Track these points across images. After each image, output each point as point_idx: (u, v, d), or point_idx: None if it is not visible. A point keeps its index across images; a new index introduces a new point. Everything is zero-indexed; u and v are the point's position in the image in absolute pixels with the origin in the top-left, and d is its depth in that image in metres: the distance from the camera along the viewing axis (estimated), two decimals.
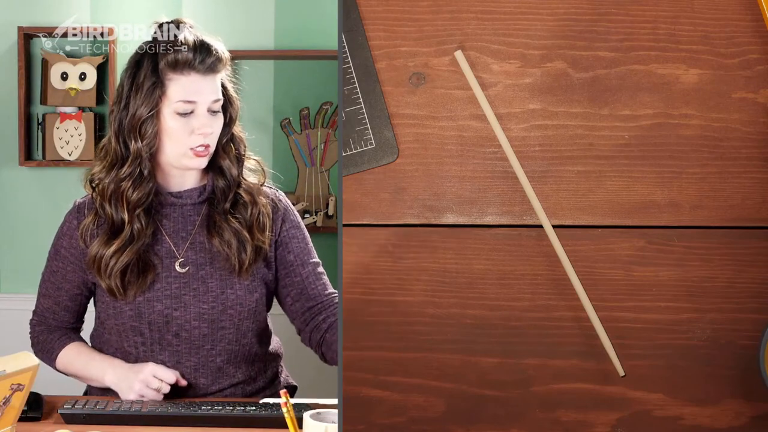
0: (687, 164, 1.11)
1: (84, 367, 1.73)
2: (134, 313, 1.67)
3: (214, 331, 1.69)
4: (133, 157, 1.65)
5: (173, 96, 1.63)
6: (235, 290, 1.70)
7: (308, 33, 2.99)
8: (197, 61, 1.63)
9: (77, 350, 1.77)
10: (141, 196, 1.65)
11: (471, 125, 1.11)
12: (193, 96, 1.63)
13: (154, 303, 1.67)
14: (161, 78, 1.63)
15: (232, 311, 1.70)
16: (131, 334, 1.68)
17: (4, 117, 3.00)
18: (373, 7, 1.11)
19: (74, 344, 1.78)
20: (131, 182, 1.65)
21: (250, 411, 1.50)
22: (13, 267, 3.06)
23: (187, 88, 1.63)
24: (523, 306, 1.12)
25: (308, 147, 3.02)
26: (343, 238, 1.11)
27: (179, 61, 1.63)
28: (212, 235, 1.69)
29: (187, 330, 1.68)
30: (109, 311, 1.69)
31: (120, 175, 1.65)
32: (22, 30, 2.91)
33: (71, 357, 1.76)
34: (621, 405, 1.12)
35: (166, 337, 1.68)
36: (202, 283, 1.69)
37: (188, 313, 1.68)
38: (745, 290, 1.11)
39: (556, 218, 1.11)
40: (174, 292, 1.68)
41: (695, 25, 1.10)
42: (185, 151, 1.65)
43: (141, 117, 1.63)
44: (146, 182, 1.66)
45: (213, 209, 1.71)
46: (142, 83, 1.64)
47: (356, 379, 1.12)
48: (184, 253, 1.70)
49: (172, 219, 1.71)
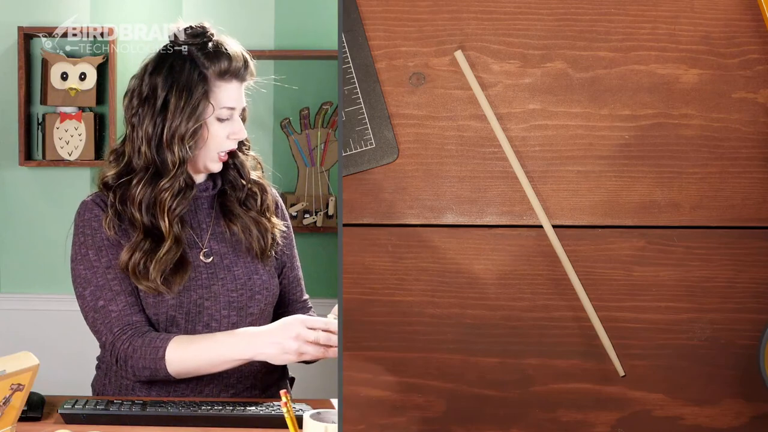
0: (687, 164, 1.11)
1: (210, 349, 1.59)
2: (176, 303, 1.67)
3: (242, 319, 1.71)
4: (176, 168, 1.64)
5: (219, 103, 1.67)
6: (260, 275, 1.75)
7: (308, 33, 2.99)
8: (241, 71, 1.69)
9: (187, 338, 1.62)
10: (185, 205, 1.68)
11: (471, 125, 1.11)
12: (234, 103, 1.69)
13: (190, 293, 1.68)
14: (210, 86, 1.66)
15: (259, 296, 1.74)
16: (167, 325, 1.68)
17: (4, 117, 3.00)
18: (373, 7, 1.11)
19: (178, 336, 1.63)
20: (173, 193, 1.65)
21: (250, 411, 1.50)
22: (13, 267, 3.07)
23: (231, 95, 1.68)
24: (523, 306, 1.12)
25: (308, 147, 3.02)
26: (343, 238, 1.11)
27: (231, 71, 1.67)
28: (232, 223, 1.74)
29: (217, 320, 1.70)
30: (149, 300, 1.67)
31: (161, 186, 1.64)
32: (22, 30, 2.91)
33: (184, 345, 1.60)
34: (621, 405, 1.12)
35: (197, 327, 1.69)
36: (228, 272, 1.72)
37: (218, 303, 1.70)
38: (745, 290, 1.11)
39: (556, 218, 1.11)
40: (204, 282, 1.70)
41: (695, 25, 1.10)
42: (215, 155, 1.70)
43: (190, 126, 1.64)
44: (189, 191, 1.68)
45: (227, 199, 1.76)
46: (189, 91, 1.65)
47: (356, 379, 1.12)
48: (207, 243, 1.73)
49: (191, 212, 1.74)
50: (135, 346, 1.61)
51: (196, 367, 1.61)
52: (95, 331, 1.67)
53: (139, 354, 1.61)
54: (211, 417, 1.49)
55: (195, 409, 1.50)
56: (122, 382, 1.72)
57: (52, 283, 3.04)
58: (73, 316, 2.00)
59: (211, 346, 1.60)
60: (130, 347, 1.62)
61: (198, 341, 1.61)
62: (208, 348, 1.60)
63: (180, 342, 1.61)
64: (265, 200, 1.79)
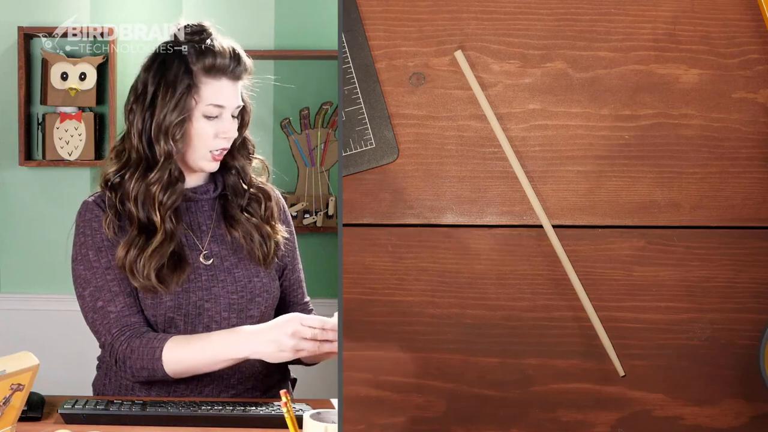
0: (687, 164, 1.11)
1: (206, 348, 1.60)
2: (174, 304, 1.67)
3: (242, 321, 1.71)
4: (163, 160, 1.66)
5: (204, 99, 1.67)
6: (261, 278, 1.74)
7: (308, 33, 2.99)
8: (231, 68, 1.67)
9: (184, 338, 1.62)
10: (175, 199, 1.68)
11: (471, 125, 1.11)
12: (223, 101, 1.68)
13: (189, 294, 1.68)
14: (195, 81, 1.66)
15: (259, 299, 1.73)
16: (166, 326, 1.68)
17: (4, 117, 3.00)
18: (373, 7, 1.11)
19: (175, 336, 1.63)
20: (161, 186, 1.66)
21: (250, 411, 1.50)
22: (13, 267, 3.06)
23: (219, 92, 1.67)
24: (523, 306, 1.12)
25: (308, 147, 3.02)
26: (343, 238, 1.11)
27: (216, 67, 1.66)
28: (233, 228, 1.73)
29: (218, 322, 1.70)
30: (147, 301, 1.67)
31: (150, 179, 1.66)
32: (22, 30, 2.91)
33: (181, 345, 1.61)
34: (621, 405, 1.12)
35: (197, 329, 1.69)
36: (229, 274, 1.72)
37: (219, 305, 1.70)
38: (745, 290, 1.11)
39: (556, 218, 1.11)
40: (204, 284, 1.70)
41: (695, 25, 1.10)
42: (206, 153, 1.69)
43: (173, 119, 1.65)
44: (179, 184, 1.69)
45: (228, 204, 1.76)
46: (174, 85, 1.66)
47: (356, 379, 1.12)
48: (207, 246, 1.73)
49: (190, 214, 1.74)
50: (133, 347, 1.62)
51: (193, 366, 1.61)
52: (95, 331, 1.68)
53: (136, 355, 1.62)
54: (211, 417, 1.49)
55: (195, 409, 1.50)
56: (122, 382, 1.72)
57: (52, 283, 3.04)
58: (73, 316, 2.00)
59: (206, 346, 1.60)
60: (128, 348, 1.62)
61: (194, 341, 1.62)
62: (204, 347, 1.60)
63: (177, 342, 1.61)
64: (269, 207, 1.78)
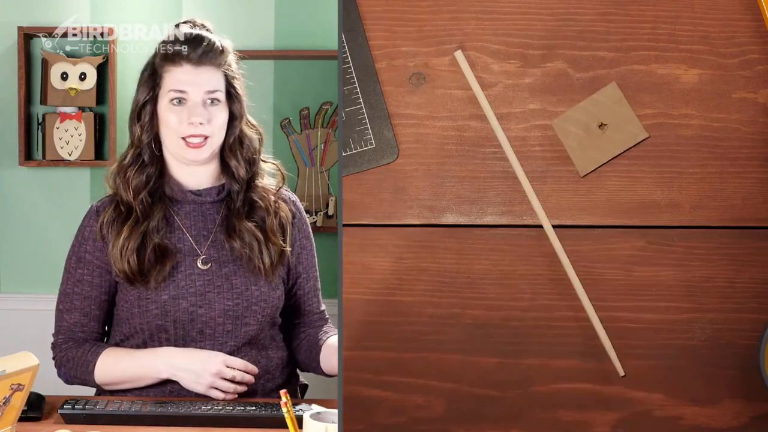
0: (687, 164, 1.11)
1: (129, 367, 1.68)
2: (160, 312, 1.67)
3: (238, 328, 1.70)
4: (135, 144, 1.72)
5: (166, 86, 1.70)
6: (259, 287, 1.72)
7: (308, 33, 2.99)
8: (188, 52, 1.69)
9: (114, 354, 1.70)
10: (141, 179, 1.71)
11: (471, 125, 1.11)
12: (184, 86, 1.68)
13: (179, 300, 1.68)
14: (157, 70, 1.71)
15: (256, 307, 1.72)
16: (156, 332, 1.69)
17: (4, 117, 3.00)
18: (373, 7, 1.11)
19: (109, 349, 1.71)
20: (134, 167, 1.71)
21: (250, 411, 1.50)
22: (13, 267, 3.06)
23: (179, 78, 1.69)
24: (523, 306, 1.12)
25: (308, 147, 3.02)
26: (343, 238, 1.11)
27: (170, 53, 1.70)
28: (232, 238, 1.72)
29: (212, 327, 1.69)
30: (134, 310, 1.69)
31: (124, 162, 1.73)
32: (22, 30, 2.91)
33: (111, 361, 1.69)
34: (621, 405, 1.12)
35: (190, 333, 1.69)
36: (226, 280, 1.71)
37: (213, 310, 1.69)
38: (745, 290, 1.11)
39: (556, 218, 1.11)
40: (198, 290, 1.69)
41: (695, 25, 1.10)
42: (178, 141, 1.69)
43: (138, 103, 1.72)
44: (146, 167, 1.72)
45: (230, 211, 1.74)
46: (143, 74, 1.74)
47: (356, 379, 1.12)
48: (206, 251, 1.72)
49: (192, 217, 1.74)
50: (69, 357, 1.72)
51: (121, 381, 1.70)
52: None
53: (71, 365, 1.72)
54: (211, 417, 1.49)
55: (195, 409, 1.50)
56: None
57: (52, 283, 3.02)
58: None
59: (130, 365, 1.68)
60: (64, 357, 1.73)
61: (123, 357, 1.69)
62: (128, 366, 1.68)
63: (107, 357, 1.69)
64: (278, 214, 1.76)
